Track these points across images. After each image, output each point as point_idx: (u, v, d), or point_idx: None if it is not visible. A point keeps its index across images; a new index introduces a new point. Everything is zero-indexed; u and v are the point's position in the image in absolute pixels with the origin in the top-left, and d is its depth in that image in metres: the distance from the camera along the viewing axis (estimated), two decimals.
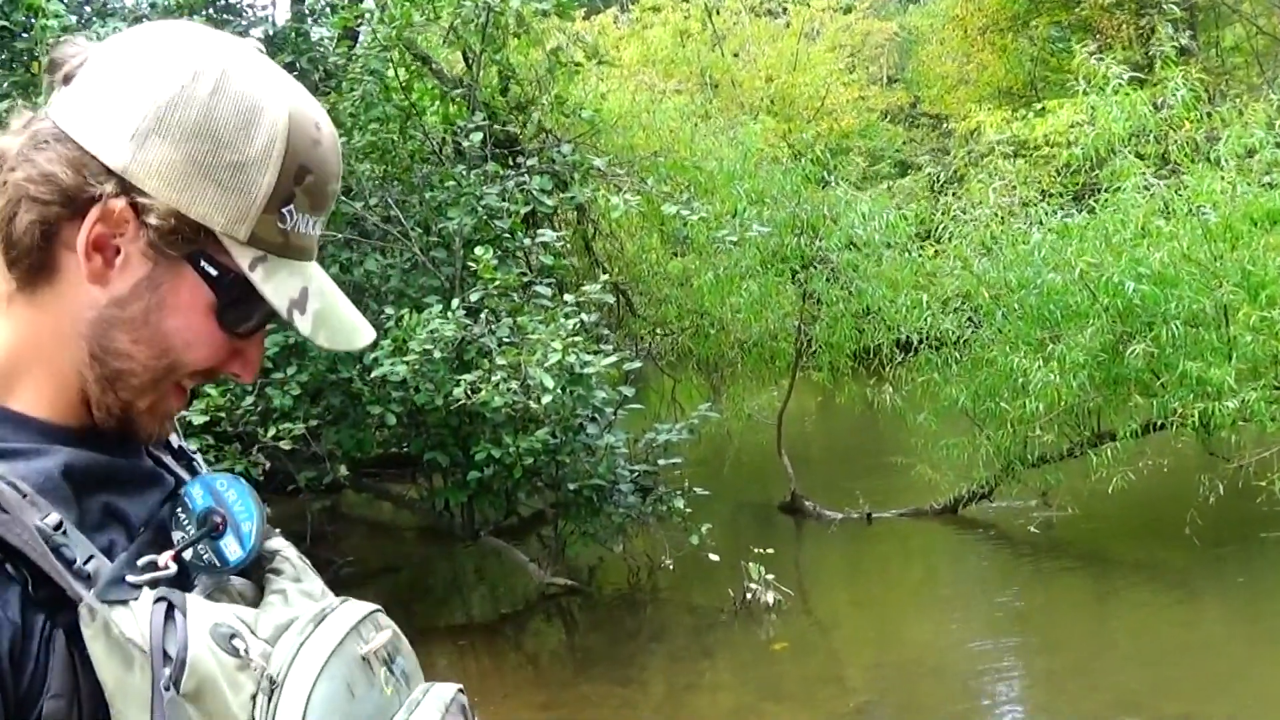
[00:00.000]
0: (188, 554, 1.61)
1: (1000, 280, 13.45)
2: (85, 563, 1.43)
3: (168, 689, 1.39)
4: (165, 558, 1.53)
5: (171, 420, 1.68)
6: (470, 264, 11.00)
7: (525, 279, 11.20)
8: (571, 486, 11.21)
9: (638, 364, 13.39)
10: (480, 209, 11.67)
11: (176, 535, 1.62)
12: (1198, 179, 12.49)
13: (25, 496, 1.42)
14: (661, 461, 12.09)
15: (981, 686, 9.96)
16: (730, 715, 9.60)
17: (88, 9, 12.06)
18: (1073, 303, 12.67)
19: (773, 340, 16.28)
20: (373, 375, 10.55)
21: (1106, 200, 13.20)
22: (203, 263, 1.54)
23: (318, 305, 1.59)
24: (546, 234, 11.95)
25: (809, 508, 15.22)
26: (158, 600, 1.44)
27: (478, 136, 12.21)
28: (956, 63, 33.68)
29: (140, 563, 1.51)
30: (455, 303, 10.55)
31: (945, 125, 33.61)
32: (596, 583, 12.81)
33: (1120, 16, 28.59)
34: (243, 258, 1.54)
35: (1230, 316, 11.97)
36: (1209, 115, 13.49)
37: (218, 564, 1.62)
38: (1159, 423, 12.48)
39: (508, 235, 11.85)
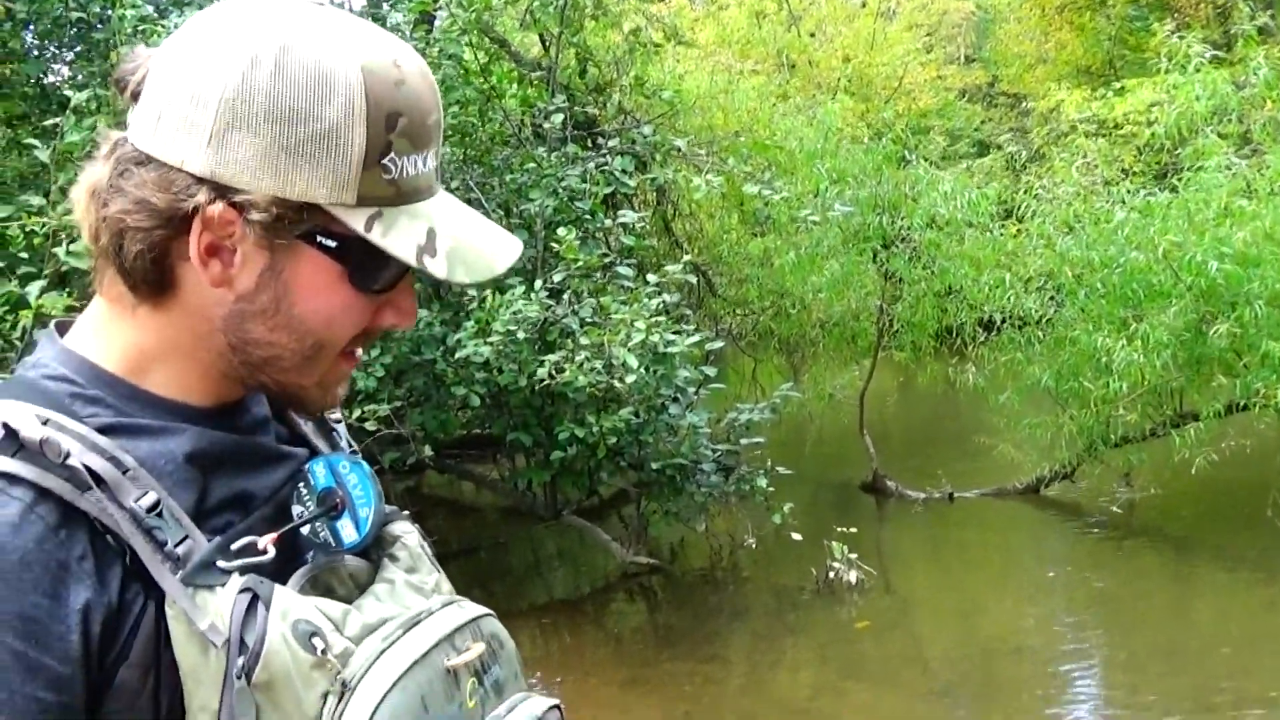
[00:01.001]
0: (305, 530, 1.65)
1: (1083, 259, 13.35)
2: (178, 544, 1.47)
3: (239, 678, 1.42)
4: (266, 541, 1.55)
5: (342, 387, 1.69)
6: (552, 245, 11.04)
7: (606, 259, 11.23)
8: (655, 466, 11.23)
9: (719, 344, 13.41)
10: (561, 191, 11.70)
11: (296, 510, 1.65)
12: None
13: (127, 473, 1.46)
14: (744, 441, 12.09)
15: (1063, 667, 9.94)
16: (813, 694, 9.63)
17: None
18: (1155, 282, 12.56)
19: (854, 320, 16.29)
20: (456, 356, 10.60)
21: (1189, 179, 13.12)
22: (319, 238, 1.53)
23: (449, 243, 1.56)
24: (627, 215, 11.97)
25: (891, 487, 15.21)
26: (243, 590, 1.46)
27: (559, 118, 12.24)
28: (1034, 41, 33.39)
29: (236, 546, 1.52)
30: (538, 284, 10.59)
31: (1024, 104, 33.39)
32: (678, 562, 12.86)
33: None
34: (356, 220, 1.51)
35: None
36: None
37: (332, 544, 1.65)
38: (1241, 403, 12.38)
39: (588, 216, 11.88)
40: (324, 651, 1.46)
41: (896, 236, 15.16)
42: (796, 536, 11.45)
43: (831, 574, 11.38)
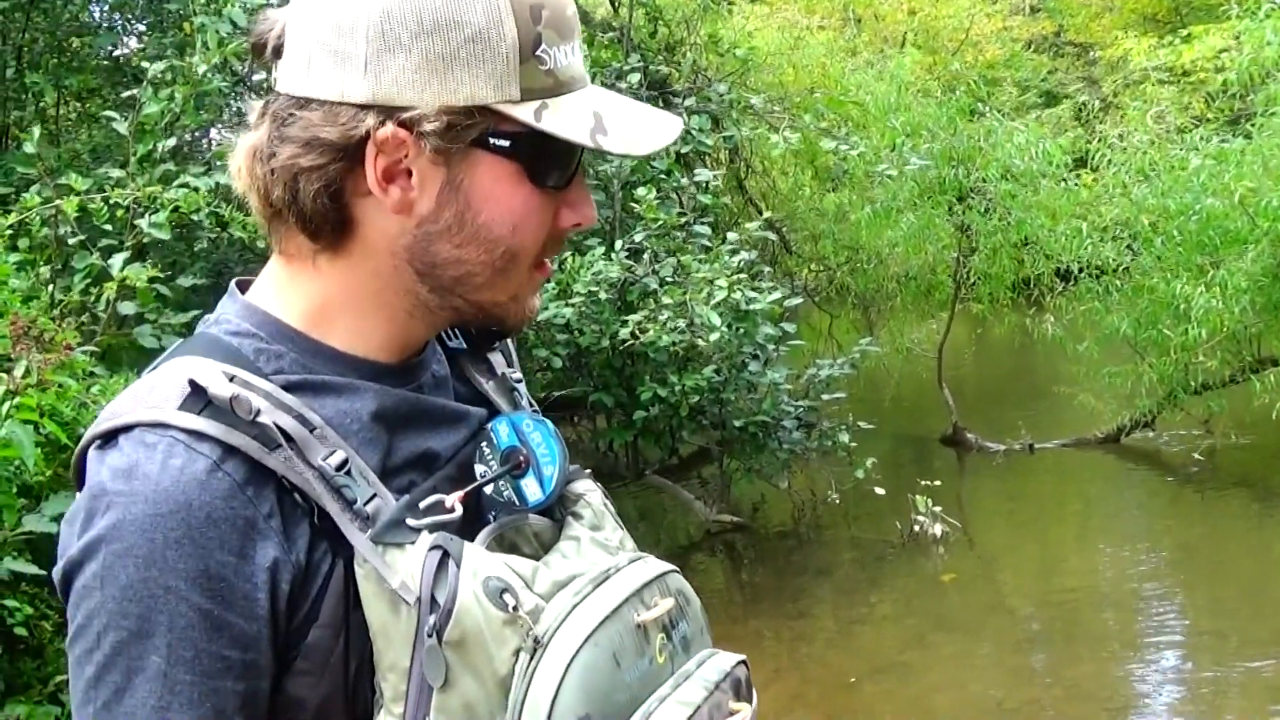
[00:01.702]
0: (488, 489, 1.65)
1: (1159, 207, 13.32)
2: (366, 503, 1.48)
3: (430, 635, 1.43)
4: (453, 499, 1.55)
5: (536, 298, 1.71)
6: (629, 206, 11.06)
7: (683, 219, 11.22)
8: (737, 424, 11.25)
9: (798, 300, 13.41)
10: None
11: (479, 469, 1.66)
12: None
13: (315, 431, 1.48)
14: (825, 397, 12.09)
15: (1149, 614, 9.94)
16: (902, 646, 9.64)
17: None
18: (1232, 228, 12.52)
19: (931, 273, 16.26)
20: (538, 319, 10.63)
21: (1262, 125, 13.06)
22: (491, 140, 1.53)
23: (616, 122, 1.56)
24: (703, 173, 11.97)
25: (971, 440, 15.20)
26: (433, 548, 1.47)
27: (635, 78, 12.23)
28: None
29: (424, 504, 1.53)
30: (619, 244, 10.60)
31: (1091, 54, 33.19)
32: (760, 519, 12.88)
33: None
34: (525, 114, 1.51)
35: None
36: None
37: (516, 503, 1.66)
38: None
39: (664, 176, 11.87)
40: (515, 608, 1.46)
41: (971, 189, 15.12)
42: (879, 491, 11.50)
43: (916, 527, 11.42)
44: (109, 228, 7.47)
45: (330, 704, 1.49)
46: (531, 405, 1.88)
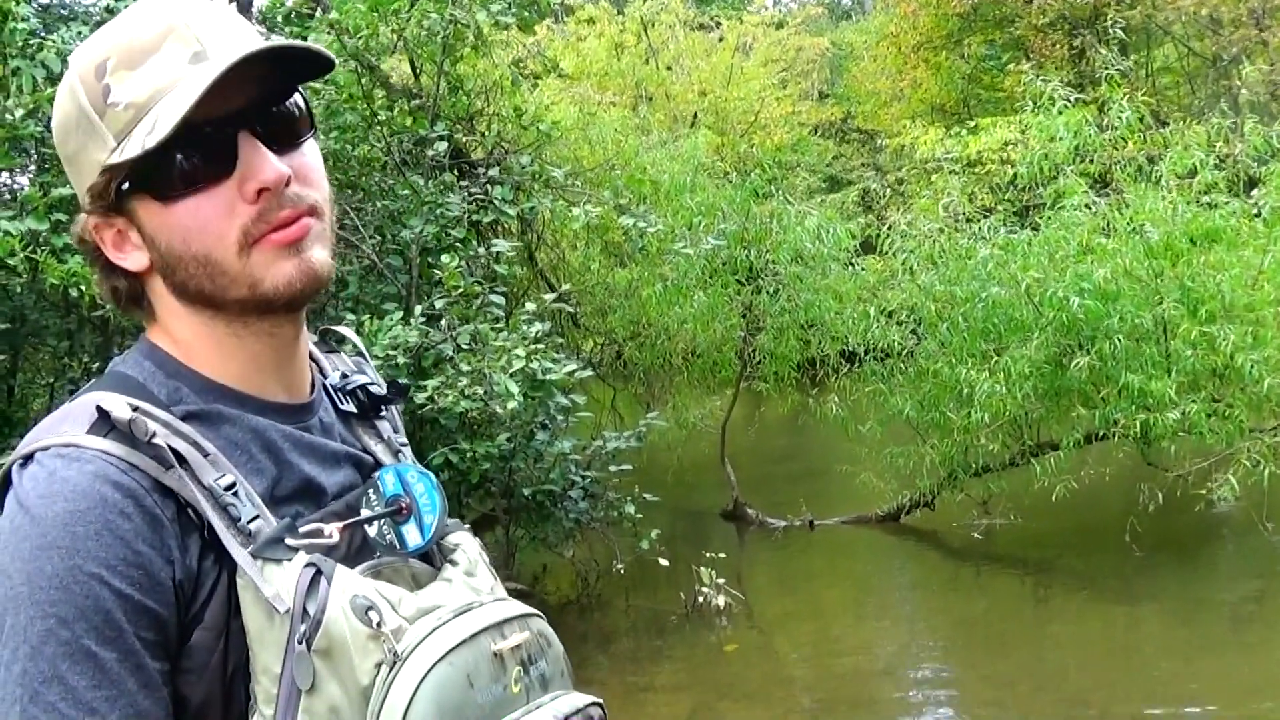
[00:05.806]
0: (372, 531, 1.80)
1: (945, 293, 13.70)
2: (250, 522, 1.64)
3: (301, 643, 1.57)
4: (332, 528, 1.71)
5: (301, 257, 1.74)
6: (426, 272, 11.09)
7: (480, 288, 11.26)
8: (526, 492, 11.30)
9: (589, 372, 13.50)
10: (436, 218, 11.73)
11: (364, 512, 1.81)
12: (1140, 198, 12.77)
13: (208, 456, 1.65)
14: (611, 468, 12.18)
15: (931, 685, 10.19)
16: (687, 714, 9.77)
17: (49, 13, 12.04)
18: (1017, 316, 12.95)
19: (718, 350, 16.44)
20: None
21: (1050, 217, 13.46)
22: (122, 188, 1.71)
23: (192, 82, 1.63)
24: (500, 244, 12.02)
25: (752, 515, 15.43)
26: (307, 564, 1.62)
27: (443, 146, 12.22)
28: (890, 79, 33.57)
29: (304, 529, 1.68)
30: (418, 309, 10.63)
31: (877, 141, 33.73)
32: (542, 588, 12.91)
33: (1054, 36, 28.76)
34: (116, 156, 1.68)
35: (1170, 331, 12.26)
36: (1148, 137, 13.72)
37: (397, 546, 1.81)
38: (1100, 433, 12.80)
39: (460, 244, 11.89)
40: (379, 624, 1.61)
41: (762, 269, 15.36)
42: (664, 562, 11.57)
43: (700, 599, 11.54)
44: None
45: (209, 704, 1.63)
46: (416, 465, 2.00)
